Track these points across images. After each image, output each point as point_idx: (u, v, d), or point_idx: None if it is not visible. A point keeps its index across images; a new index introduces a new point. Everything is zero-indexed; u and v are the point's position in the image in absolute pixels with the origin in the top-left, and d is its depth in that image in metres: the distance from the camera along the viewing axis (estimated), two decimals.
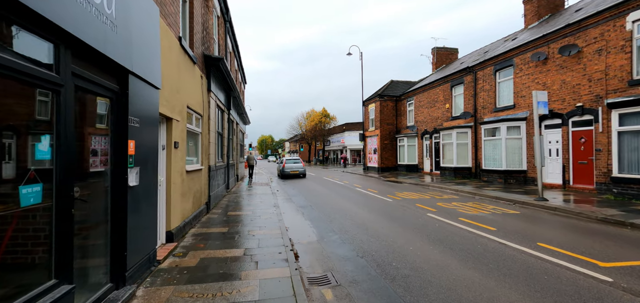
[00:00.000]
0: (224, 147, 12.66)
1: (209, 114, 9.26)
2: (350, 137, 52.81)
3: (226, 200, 11.51)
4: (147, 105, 4.22)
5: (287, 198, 12.83)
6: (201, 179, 8.33)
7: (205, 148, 8.88)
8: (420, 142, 24.77)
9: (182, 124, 6.39)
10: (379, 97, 28.00)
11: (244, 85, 27.06)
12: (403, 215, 8.79)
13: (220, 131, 12.08)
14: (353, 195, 13.15)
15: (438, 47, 28.31)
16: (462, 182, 16.45)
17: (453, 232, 6.85)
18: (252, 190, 14.83)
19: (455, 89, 20.70)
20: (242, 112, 19.07)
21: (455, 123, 19.98)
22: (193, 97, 7.42)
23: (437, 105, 22.55)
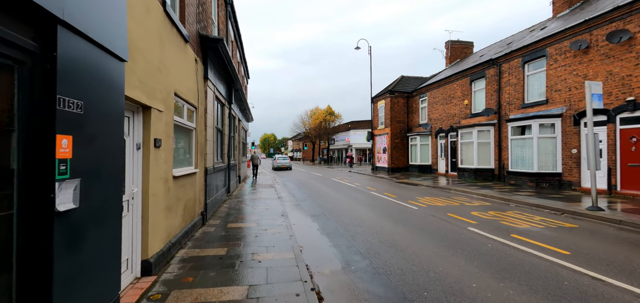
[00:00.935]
0: (225, 145, 11.20)
1: (206, 106, 7.79)
2: (355, 135, 51.31)
3: (226, 206, 10.04)
4: (101, 83, 2.74)
5: (296, 203, 11.35)
6: (195, 185, 6.87)
7: (201, 147, 7.41)
8: (434, 141, 23.22)
9: (167, 116, 4.91)
10: (389, 93, 26.45)
11: (247, 80, 25.59)
12: (438, 229, 7.28)
13: (220, 127, 10.62)
14: (369, 201, 11.65)
15: (452, 40, 26.71)
16: (485, 185, 14.89)
17: (516, 257, 5.33)
18: (256, 193, 13.37)
19: (475, 83, 19.12)
20: (244, 107, 17.62)
21: (475, 120, 18.41)
22: (184, 83, 5.94)
23: (453, 102, 20.98)
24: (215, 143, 9.37)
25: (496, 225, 7.58)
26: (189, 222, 6.30)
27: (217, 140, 10.15)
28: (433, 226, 7.54)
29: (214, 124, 8.81)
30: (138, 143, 4.11)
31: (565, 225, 7.54)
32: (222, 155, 10.86)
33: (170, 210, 5.05)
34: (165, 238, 4.83)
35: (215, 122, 9.28)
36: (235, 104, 14.34)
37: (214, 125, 8.94)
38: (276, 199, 11.75)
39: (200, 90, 7.27)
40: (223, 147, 10.90)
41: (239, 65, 18.05)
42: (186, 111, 6.27)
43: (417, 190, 14.89)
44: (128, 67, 3.54)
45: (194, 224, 6.64)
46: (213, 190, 8.78)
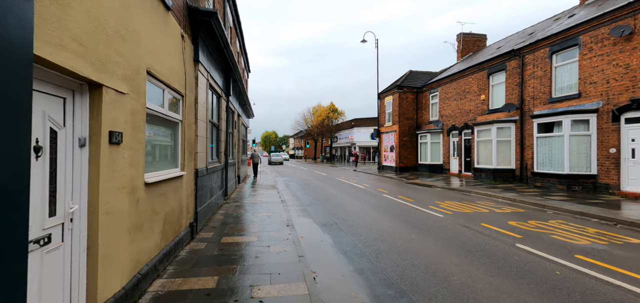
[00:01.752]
0: (222, 142, 9.88)
1: (197, 95, 6.46)
2: (359, 133, 49.96)
3: (222, 213, 8.73)
4: None
5: (301, 209, 10.02)
6: (182, 191, 5.55)
7: (190, 144, 6.09)
8: (446, 139, 21.85)
9: (135, 101, 3.59)
10: (397, 89, 25.07)
11: (247, 74, 24.24)
12: (480, 246, 5.95)
13: (216, 122, 9.29)
14: (384, 205, 10.32)
15: (464, 33, 25.29)
16: (507, 188, 13.54)
17: (606, 294, 4.00)
18: (257, 195, 12.05)
19: (493, 77, 17.72)
20: (244, 102, 16.30)
21: (493, 117, 17.04)
22: (164, 61, 4.61)
23: (468, 97, 19.59)
24: (209, 139, 8.05)
25: (547, 240, 6.24)
26: (172, 239, 4.99)
27: (212, 136, 8.83)
28: (472, 242, 6.19)
29: (207, 117, 7.48)
30: (82, 138, 2.78)
31: (632, 241, 6.20)
32: (218, 154, 9.54)
33: (140, 229, 3.73)
34: (132, 270, 3.52)
35: (209, 115, 7.95)
36: (234, 97, 13.01)
37: (208, 119, 7.61)
38: (279, 203, 10.43)
39: (188, 74, 5.94)
40: (219, 144, 9.58)
41: (238, 56, 16.72)
42: (168, 98, 4.94)
43: (433, 192, 13.54)
44: (54, 16, 2.21)
45: (180, 240, 5.33)
46: (206, 195, 7.47)
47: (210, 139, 8.50)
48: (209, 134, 8.39)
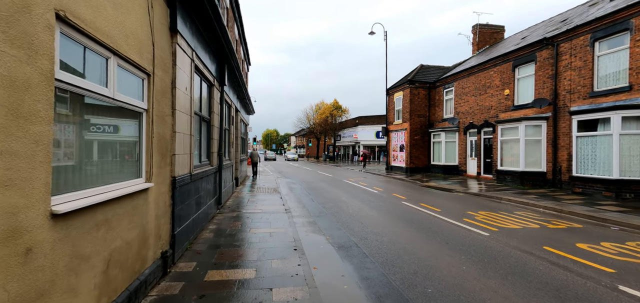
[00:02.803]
0: (214, 140, 8.20)
1: (175, 77, 4.77)
2: (363, 131, 48.23)
3: (213, 228, 7.04)
4: None
5: (310, 221, 8.32)
6: (145, 212, 3.87)
7: (163, 143, 4.40)
8: (463, 138, 20.12)
9: (17, 63, 1.87)
10: (408, 84, 23.33)
11: (247, 66, 22.53)
12: (569, 290, 4.25)
13: (206, 116, 7.60)
14: (408, 217, 8.61)
15: (481, 24, 23.53)
16: (541, 194, 11.82)
17: None
18: (257, 201, 10.36)
19: (519, 69, 15.96)
20: (244, 96, 14.61)
21: (521, 113, 15.30)
22: (105, 11, 2.92)
23: (489, 92, 17.84)
24: (195, 137, 6.37)
25: None
26: (124, 289, 3.30)
27: (202, 133, 7.13)
28: (556, 283, 4.48)
29: (192, 108, 5.78)
30: None
31: None
32: (209, 155, 7.85)
33: (41, 297, 2.04)
34: None
35: (195, 106, 6.27)
36: (230, 89, 11.32)
37: (193, 111, 5.91)
38: (283, 213, 8.75)
39: (160, 45, 4.24)
40: (211, 142, 7.88)
41: (237, 44, 15.01)
42: (115, 71, 3.23)
43: (457, 199, 11.82)
44: None
45: (142, 284, 3.64)
46: (190, 209, 5.78)
47: (198, 136, 6.81)
48: (197, 131, 6.70)
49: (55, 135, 2.37)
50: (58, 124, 2.45)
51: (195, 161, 6.50)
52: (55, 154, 2.35)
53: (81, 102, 2.82)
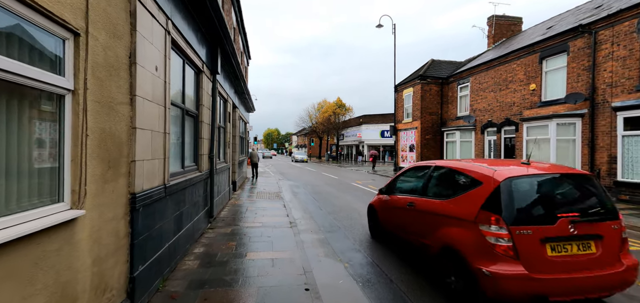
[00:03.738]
0: (204, 140, 6.71)
1: (135, 47, 3.27)
2: (367, 131, 46.78)
3: (199, 253, 5.54)
4: None
5: (321, 239, 6.80)
6: (71, 260, 2.40)
7: (113, 144, 2.92)
8: (480, 137, 18.58)
9: None
10: (419, 79, 21.80)
11: (247, 60, 21.04)
12: None
13: (193, 110, 6.09)
14: None
15: (497, 15, 21.97)
16: None
17: None
18: (256, 212, 8.86)
19: (548, 61, 14.41)
20: (242, 90, 13.11)
21: (550, 110, 13.75)
22: None
23: (511, 87, 16.29)
24: (173, 136, 4.87)
25: None
26: None
27: (185, 131, 5.62)
28: None
29: (167, 96, 4.28)
30: None
31: None
32: (196, 158, 6.35)
33: None
34: None
35: (172, 94, 4.77)
36: (226, 81, 9.82)
37: (169, 101, 4.39)
38: (287, 227, 7.25)
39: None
40: (199, 143, 6.37)
41: (235, 33, 13.51)
42: None
43: None
44: None
45: None
46: (164, 235, 4.28)
47: (179, 135, 5.31)
48: (177, 128, 5.20)
49: None
50: None
51: (174, 167, 4.99)
52: None
53: None
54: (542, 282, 3.19)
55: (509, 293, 3.24)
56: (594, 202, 3.66)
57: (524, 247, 3.30)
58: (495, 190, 3.55)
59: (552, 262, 3.28)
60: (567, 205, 3.61)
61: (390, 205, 5.91)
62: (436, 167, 4.97)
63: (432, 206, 4.51)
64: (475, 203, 3.69)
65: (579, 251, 3.38)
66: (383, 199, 6.31)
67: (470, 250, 3.58)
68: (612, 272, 3.33)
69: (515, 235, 3.31)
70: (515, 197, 3.50)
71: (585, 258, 3.36)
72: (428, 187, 4.88)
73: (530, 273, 3.22)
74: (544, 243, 3.31)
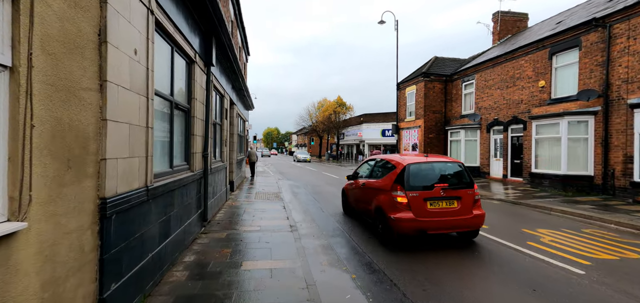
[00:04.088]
0: (197, 138, 6.17)
1: (106, 22, 2.75)
2: (368, 130, 46.17)
3: (188, 264, 4.99)
4: None
5: (324, 245, 6.26)
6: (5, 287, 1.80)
7: (75, 138, 2.42)
8: (486, 136, 18.05)
9: None
10: (423, 76, 21.26)
11: (246, 56, 20.47)
12: None
13: (184, 104, 5.55)
14: (458, 243, 6.55)
15: (502, 11, 21.42)
16: (596, 203, 9.76)
17: None
18: (255, 214, 8.32)
19: (558, 57, 13.87)
20: (241, 86, 12.55)
21: (561, 108, 13.21)
22: None
23: (519, 84, 15.75)
24: (160, 131, 4.33)
25: None
26: None
27: (174, 126, 5.08)
28: None
29: (149, 85, 3.74)
30: None
31: None
32: (188, 157, 5.80)
33: None
34: None
35: (156, 83, 4.23)
36: (223, 75, 9.27)
37: (152, 90, 3.85)
38: (287, 231, 6.72)
39: None
40: (191, 140, 5.83)
41: (232, 26, 12.96)
42: None
43: (496, 209, 9.76)
44: None
45: None
46: (146, 244, 3.73)
47: (166, 131, 4.76)
48: (164, 122, 4.66)
49: None
50: None
51: (160, 167, 4.45)
52: None
53: None
54: (423, 222, 5.57)
55: (405, 229, 5.60)
56: (458, 177, 6.10)
57: (413, 203, 5.65)
58: (401, 171, 5.95)
59: (429, 212, 5.65)
60: (441, 179, 5.93)
61: (353, 187, 8.23)
62: (378, 159, 7.43)
63: (374, 184, 6.85)
64: (391, 179, 6.09)
65: (446, 206, 5.75)
66: (350, 184, 8.62)
67: (387, 207, 5.97)
68: (466, 217, 5.75)
69: (409, 197, 5.68)
70: (411, 175, 5.88)
71: (450, 210, 5.73)
72: (373, 173, 7.33)
73: (417, 217, 5.58)
74: (426, 200, 5.68)
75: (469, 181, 6.05)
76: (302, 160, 44.33)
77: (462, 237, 6.45)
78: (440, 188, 5.74)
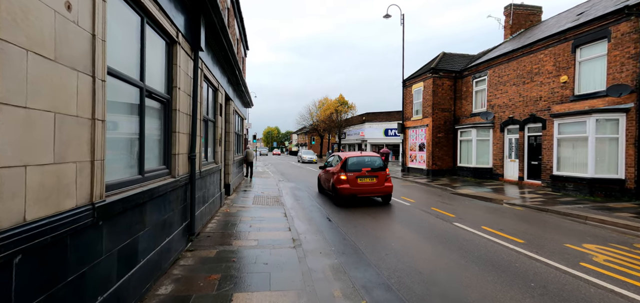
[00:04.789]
0: (180, 136, 5.09)
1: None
2: (371, 129, 45.12)
3: (162, 298, 3.91)
4: None
5: (334, 266, 5.18)
6: None
7: None
8: (499, 136, 16.97)
9: None
10: (431, 73, 20.15)
11: (244, 49, 19.36)
12: None
13: (162, 93, 4.46)
14: (482, 255, 5.47)
15: (515, 4, 20.30)
16: (634, 209, 8.69)
17: None
18: (251, 223, 7.24)
19: (582, 50, 12.78)
20: (237, 80, 11.46)
21: (587, 104, 12.11)
22: None
23: (537, 79, 14.66)
24: (102, 122, 3.27)
25: None
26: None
27: (143, 118, 3.99)
28: None
29: (96, 57, 2.66)
30: None
31: None
32: (168, 158, 4.72)
33: None
34: None
35: (103, 48, 3.14)
36: (217, 67, 8.19)
37: (105, 67, 2.78)
38: (289, 247, 5.65)
39: None
40: (172, 138, 4.74)
41: (229, 14, 11.86)
42: None
43: (521, 218, 8.67)
44: None
45: None
46: (84, 294, 2.65)
47: (136, 125, 3.68)
48: (133, 114, 3.58)
49: None
50: None
51: (123, 174, 3.37)
52: None
53: None
54: (355, 189, 9.75)
55: (344, 193, 9.76)
56: (378, 164, 10.23)
57: (350, 180, 9.74)
58: (344, 161, 10.17)
59: (359, 184, 9.76)
60: (367, 165, 10.10)
61: (322, 173, 12.52)
62: (337, 156, 11.35)
63: (331, 169, 10.94)
64: (338, 167, 10.19)
65: (369, 181, 9.84)
66: (321, 172, 12.75)
67: (336, 182, 9.96)
68: (381, 187, 9.93)
69: (348, 176, 9.77)
70: (348, 164, 10.04)
71: (371, 183, 9.85)
72: (333, 163, 11.35)
73: (351, 187, 9.73)
74: (357, 178, 9.76)
75: (383, 167, 10.40)
76: (307, 160, 40.23)
77: (384, 201, 10.76)
78: (366, 171, 10.05)
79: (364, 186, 9.88)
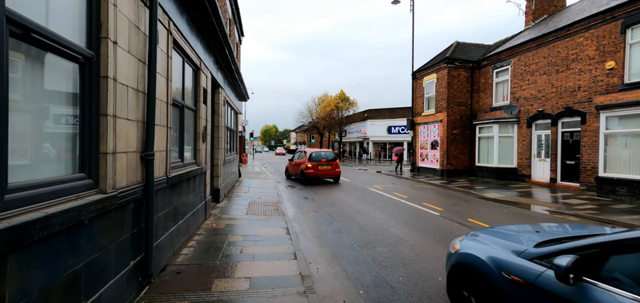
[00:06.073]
0: (116, 123, 3.18)
1: None
2: (373, 126, 43.26)
3: None
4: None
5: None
6: None
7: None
8: (526, 132, 15.10)
9: None
10: (446, 63, 18.24)
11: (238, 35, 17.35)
12: None
13: (80, 47, 2.48)
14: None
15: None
16: None
17: None
18: (243, 247, 5.28)
19: (634, 31, 10.90)
20: (230, 66, 9.49)
21: (639, 95, 10.24)
22: None
23: (575, 67, 12.79)
24: None
25: None
26: None
27: (40, 92, 2.01)
28: None
29: None
30: None
31: None
32: (91, 163, 2.75)
33: None
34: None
35: None
36: (199, 39, 6.23)
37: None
38: (297, 295, 3.70)
39: None
40: (103, 127, 2.80)
41: None
42: None
43: None
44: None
45: None
46: None
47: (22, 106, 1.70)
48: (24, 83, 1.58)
49: None
50: None
51: None
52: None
53: None
54: (317, 173, 15.35)
55: (310, 176, 15.25)
56: (332, 157, 16.15)
57: (313, 166, 15.27)
58: (309, 155, 15.75)
59: (320, 170, 15.40)
60: (325, 157, 15.92)
61: (289, 164, 18.29)
62: (303, 151, 17.25)
63: (299, 161, 16.53)
64: (305, 158, 15.77)
65: (326, 167, 15.57)
66: (288, 163, 18.50)
67: (304, 168, 15.40)
68: (333, 172, 15.80)
69: (311, 163, 15.29)
70: (313, 157, 15.68)
71: (327, 168, 15.59)
72: (300, 156, 17.18)
73: (314, 171, 15.27)
74: (318, 166, 15.38)
75: (334, 159, 15.93)
76: None
77: (335, 180, 16.27)
78: (324, 161, 15.53)
79: (323, 171, 15.39)
